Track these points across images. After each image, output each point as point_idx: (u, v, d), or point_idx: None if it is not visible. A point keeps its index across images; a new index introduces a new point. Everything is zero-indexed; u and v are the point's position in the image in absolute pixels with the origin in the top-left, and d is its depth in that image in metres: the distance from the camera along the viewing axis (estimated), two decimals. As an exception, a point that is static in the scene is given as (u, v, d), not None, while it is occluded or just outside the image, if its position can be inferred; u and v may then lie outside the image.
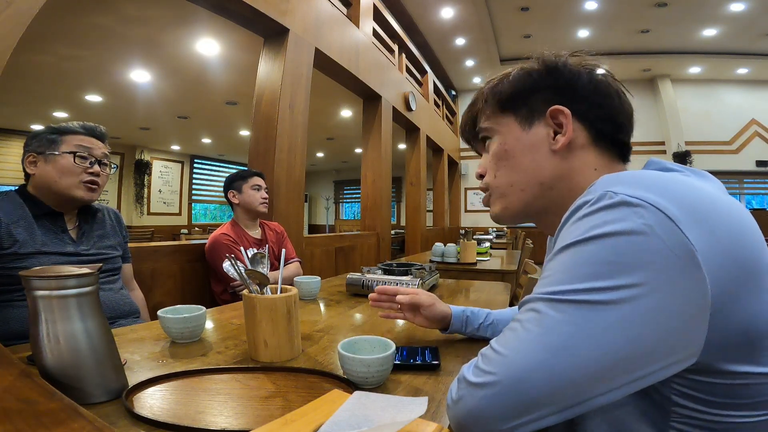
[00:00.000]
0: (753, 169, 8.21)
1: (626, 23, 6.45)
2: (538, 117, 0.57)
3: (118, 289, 1.22)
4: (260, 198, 1.86)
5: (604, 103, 0.55)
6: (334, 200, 13.47)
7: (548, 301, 0.40)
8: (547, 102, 0.56)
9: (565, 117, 0.54)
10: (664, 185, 0.41)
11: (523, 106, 0.58)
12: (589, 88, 0.56)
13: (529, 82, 0.58)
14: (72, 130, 1.15)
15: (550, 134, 0.56)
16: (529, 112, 0.57)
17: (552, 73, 0.57)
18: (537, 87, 0.57)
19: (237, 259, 0.82)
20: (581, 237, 0.40)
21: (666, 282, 0.37)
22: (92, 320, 0.56)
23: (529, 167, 0.57)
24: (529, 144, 0.57)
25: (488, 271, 2.37)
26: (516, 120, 0.58)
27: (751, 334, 0.40)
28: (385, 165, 4.24)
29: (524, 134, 0.57)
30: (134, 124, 7.33)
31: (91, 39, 3.95)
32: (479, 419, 0.40)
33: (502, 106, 0.59)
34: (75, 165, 1.11)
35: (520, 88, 0.58)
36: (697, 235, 0.38)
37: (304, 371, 0.69)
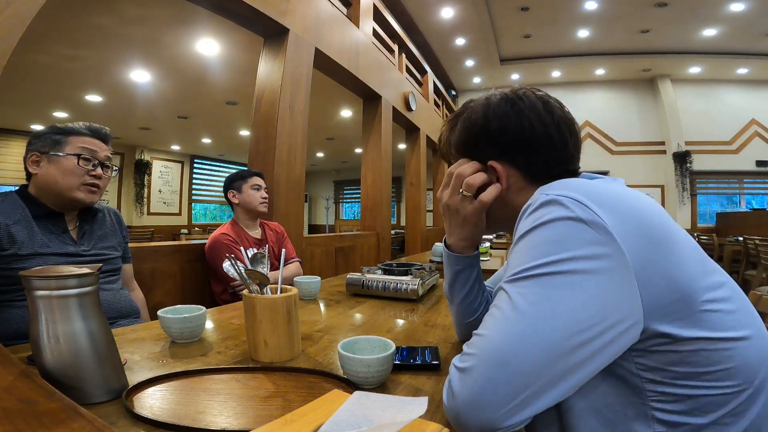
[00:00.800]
0: (753, 169, 8.21)
1: (626, 23, 6.46)
2: (485, 165, 0.68)
3: (118, 289, 1.22)
4: (260, 198, 1.86)
5: (534, 149, 0.65)
6: (334, 200, 13.47)
7: (512, 281, 0.48)
8: (486, 155, 0.68)
9: (497, 171, 0.67)
10: (579, 186, 0.52)
11: (472, 156, 0.70)
12: (519, 138, 0.65)
13: (473, 134, 0.69)
14: (77, 131, 1.14)
15: (494, 181, 0.68)
16: (480, 161, 0.69)
17: (487, 127, 0.67)
18: (478, 140, 0.68)
19: (237, 259, 0.82)
20: (527, 228, 0.51)
21: (593, 252, 0.46)
22: (92, 320, 0.56)
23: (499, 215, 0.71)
24: None
25: (488, 271, 2.37)
26: None
27: (678, 296, 0.46)
28: (385, 165, 4.24)
29: None
30: (134, 124, 7.33)
31: (91, 39, 3.95)
32: (475, 405, 0.43)
33: (459, 153, 0.72)
34: (78, 167, 1.10)
35: (468, 139, 0.70)
36: (608, 217, 0.47)
37: (304, 371, 0.69)
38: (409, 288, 1.31)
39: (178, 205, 9.98)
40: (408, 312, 1.19)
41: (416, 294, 1.31)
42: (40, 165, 1.10)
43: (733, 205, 8.83)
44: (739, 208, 8.65)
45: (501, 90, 0.70)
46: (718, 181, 8.45)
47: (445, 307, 1.25)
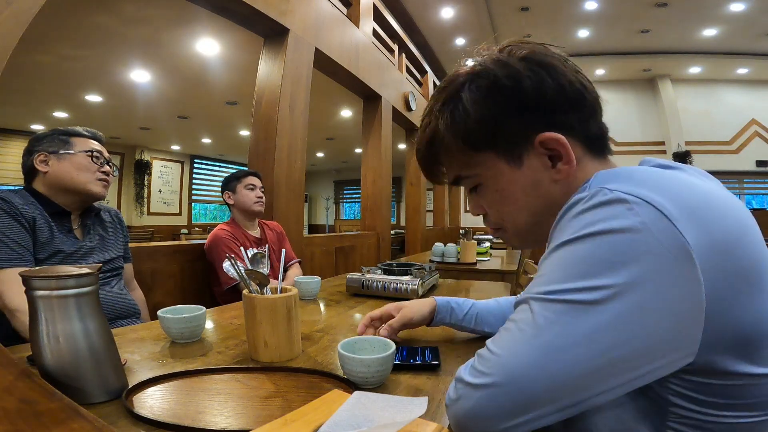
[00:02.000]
0: (753, 169, 8.21)
1: (626, 23, 6.45)
2: (525, 147, 0.50)
3: (119, 290, 1.23)
4: (254, 197, 1.86)
5: (579, 103, 0.50)
6: (334, 200, 13.46)
7: (542, 300, 0.39)
8: (526, 128, 0.49)
9: (562, 145, 0.48)
10: (659, 181, 0.41)
11: (499, 140, 0.50)
12: (560, 94, 0.49)
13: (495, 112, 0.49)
14: (80, 133, 1.21)
15: (547, 163, 0.50)
16: (511, 146, 0.50)
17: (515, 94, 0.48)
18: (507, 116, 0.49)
19: (237, 259, 0.82)
20: (575, 235, 0.39)
21: (659, 280, 0.36)
22: (92, 320, 0.56)
23: (535, 204, 0.52)
24: (528, 182, 0.51)
25: (488, 271, 2.37)
26: (499, 157, 0.51)
27: (747, 335, 0.39)
28: (385, 165, 4.24)
29: (517, 173, 0.51)
30: (134, 124, 7.33)
31: (91, 39, 3.95)
32: (478, 419, 0.40)
33: (474, 147, 0.51)
34: (92, 163, 1.18)
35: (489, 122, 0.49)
36: (693, 233, 0.37)
37: (304, 371, 0.69)
38: (409, 288, 1.31)
39: (178, 205, 9.98)
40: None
41: (416, 294, 1.31)
42: (49, 164, 1.14)
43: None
44: (739, 208, 8.64)
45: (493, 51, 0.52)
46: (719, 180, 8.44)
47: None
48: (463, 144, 0.52)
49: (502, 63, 0.49)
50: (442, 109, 0.52)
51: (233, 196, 1.86)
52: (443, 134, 0.52)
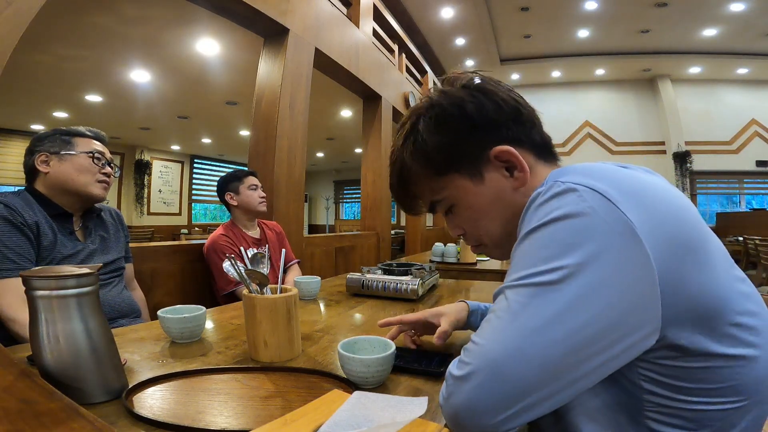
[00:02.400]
0: (753, 169, 8.21)
1: (626, 23, 6.46)
2: (483, 164, 0.55)
3: (120, 290, 1.23)
4: (258, 197, 1.84)
5: (518, 116, 0.55)
6: (334, 200, 13.46)
7: (514, 287, 0.43)
8: (479, 146, 0.55)
9: (513, 155, 0.54)
10: (604, 172, 0.46)
11: (459, 160, 0.56)
12: (500, 111, 0.54)
13: (449, 137, 0.55)
14: (83, 133, 1.20)
15: (505, 174, 0.55)
16: (471, 164, 0.55)
17: (463, 118, 0.54)
18: (460, 139, 0.55)
19: (237, 260, 0.82)
20: (537, 224, 0.44)
21: (610, 256, 0.40)
22: (92, 320, 0.56)
23: (504, 213, 0.56)
24: (492, 194, 0.56)
25: (488, 271, 2.37)
26: (462, 176, 0.56)
27: (702, 308, 0.42)
28: (385, 165, 4.22)
29: (481, 187, 0.56)
30: (134, 124, 7.33)
31: (91, 39, 3.95)
32: (471, 412, 0.41)
33: (438, 172, 0.57)
34: (92, 164, 1.16)
35: (446, 147, 0.55)
36: (635, 214, 0.41)
37: (304, 371, 0.69)
38: (409, 288, 1.31)
39: (178, 205, 9.98)
40: (408, 312, 1.18)
41: (416, 294, 1.31)
42: (50, 164, 1.13)
43: (733, 205, 8.83)
44: (739, 208, 8.65)
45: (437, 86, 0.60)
46: (718, 181, 8.45)
47: (445, 307, 1.25)
48: (428, 170, 0.58)
49: (446, 94, 0.56)
50: (404, 143, 0.59)
51: (236, 197, 1.83)
52: (410, 164, 0.59)
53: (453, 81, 0.57)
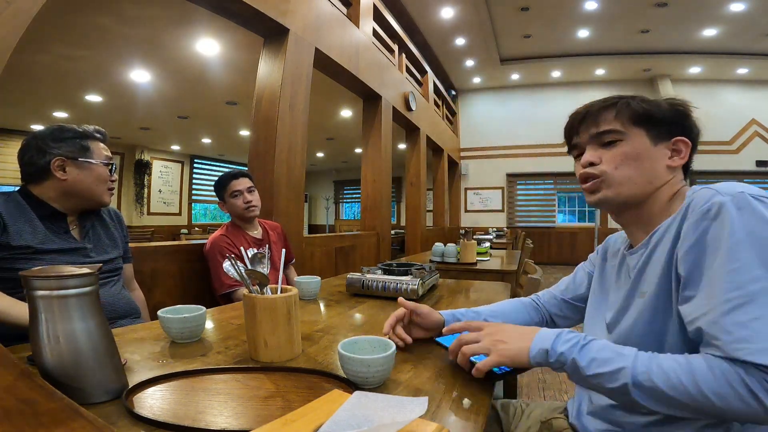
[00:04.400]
0: (753, 169, 8.21)
1: (626, 23, 6.45)
2: (663, 139, 0.72)
3: (119, 290, 1.22)
4: (242, 204, 1.78)
5: (695, 139, 0.73)
6: (334, 200, 13.46)
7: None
8: (672, 132, 0.72)
9: (686, 147, 0.72)
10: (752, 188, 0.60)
11: (655, 128, 0.72)
12: (691, 127, 0.73)
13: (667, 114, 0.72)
14: (93, 135, 1.18)
15: (668, 154, 0.71)
16: (659, 134, 0.71)
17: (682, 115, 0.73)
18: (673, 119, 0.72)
19: (237, 260, 0.82)
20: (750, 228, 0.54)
21: None
22: (92, 320, 0.56)
23: (648, 170, 0.70)
24: (654, 155, 0.71)
25: (488, 271, 2.37)
26: (647, 135, 0.71)
27: None
28: (385, 165, 4.24)
29: (652, 147, 0.71)
30: (134, 124, 7.34)
31: (91, 39, 3.95)
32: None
33: (639, 121, 0.71)
34: (109, 174, 1.18)
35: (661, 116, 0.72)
36: None
37: (304, 371, 0.69)
38: (409, 288, 1.31)
39: (178, 205, 9.98)
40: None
41: (416, 294, 1.31)
42: (67, 170, 1.11)
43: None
44: (739, 208, 8.64)
45: None
46: (718, 181, 8.41)
47: (445, 306, 1.25)
48: (636, 114, 0.72)
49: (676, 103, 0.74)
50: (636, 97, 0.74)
51: (225, 206, 1.83)
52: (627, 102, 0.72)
53: None
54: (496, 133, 9.33)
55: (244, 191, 1.80)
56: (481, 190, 9.44)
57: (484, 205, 9.41)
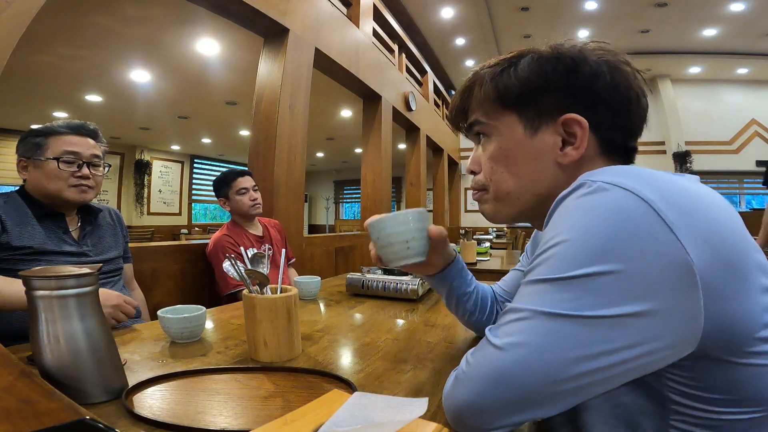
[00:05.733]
0: (753, 169, 8.21)
1: (626, 23, 6.45)
2: (547, 121, 0.51)
3: (119, 290, 1.22)
4: (249, 201, 1.79)
5: (622, 110, 0.51)
6: (334, 200, 13.46)
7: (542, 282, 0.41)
8: (559, 106, 0.50)
9: (582, 129, 0.50)
10: (642, 174, 0.42)
11: (530, 106, 0.51)
12: (609, 92, 0.50)
13: (541, 79, 0.50)
14: (56, 130, 1.11)
15: (558, 143, 0.51)
16: (537, 115, 0.51)
17: (570, 72, 0.50)
18: (550, 87, 0.50)
19: (237, 260, 0.82)
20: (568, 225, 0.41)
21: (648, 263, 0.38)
22: (92, 320, 0.56)
23: (529, 177, 0.53)
24: (532, 152, 0.52)
25: (488, 271, 2.37)
26: (520, 121, 0.52)
27: (734, 326, 0.40)
28: (385, 165, 4.24)
29: (527, 140, 0.52)
30: (134, 124, 7.33)
31: (91, 39, 3.95)
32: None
33: (504, 102, 0.53)
34: (60, 170, 1.09)
35: (530, 85, 0.51)
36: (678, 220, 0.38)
37: (304, 371, 0.69)
38: (409, 288, 1.31)
39: (178, 205, 9.97)
40: (408, 312, 1.19)
41: (416, 294, 1.31)
42: (28, 170, 1.10)
43: (733, 205, 8.81)
44: (739, 208, 8.64)
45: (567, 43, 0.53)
46: (718, 181, 8.44)
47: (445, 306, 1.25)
48: (495, 95, 0.53)
49: (576, 49, 0.51)
50: (495, 65, 0.55)
51: (228, 203, 1.82)
52: (485, 81, 0.54)
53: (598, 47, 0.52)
54: (496, 133, 9.32)
55: (250, 189, 1.81)
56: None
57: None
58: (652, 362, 0.39)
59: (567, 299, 0.38)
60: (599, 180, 0.41)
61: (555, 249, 0.41)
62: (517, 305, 0.43)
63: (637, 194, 0.39)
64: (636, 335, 0.37)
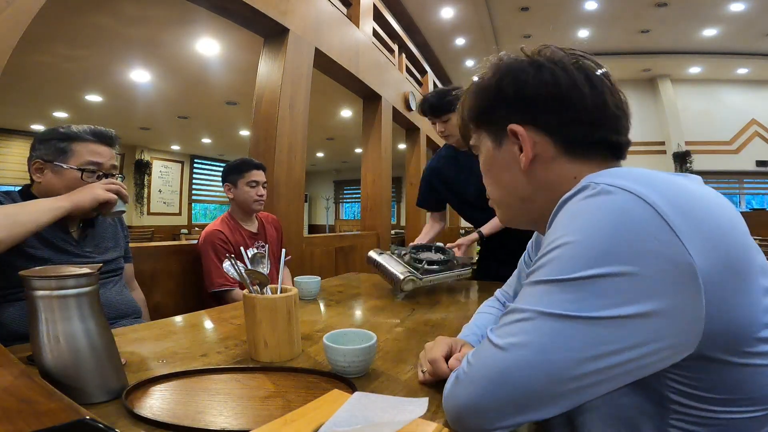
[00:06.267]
0: (753, 169, 8.21)
1: (626, 23, 6.45)
2: (503, 135, 0.55)
3: (119, 290, 1.22)
4: (255, 196, 1.76)
5: (564, 105, 0.51)
6: (334, 200, 13.46)
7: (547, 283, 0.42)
8: (504, 119, 0.54)
9: (521, 135, 0.53)
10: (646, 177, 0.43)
11: (490, 123, 0.57)
12: (539, 92, 0.52)
13: (485, 97, 0.57)
14: (82, 137, 1.09)
15: (517, 152, 0.54)
16: (497, 131, 0.56)
17: (500, 85, 0.54)
18: (492, 103, 0.56)
19: (237, 260, 0.82)
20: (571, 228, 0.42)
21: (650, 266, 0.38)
22: (92, 320, 0.56)
23: (508, 184, 0.57)
24: (503, 163, 0.57)
25: (488, 271, 2.36)
26: (489, 137, 0.58)
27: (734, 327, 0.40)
28: (385, 165, 4.24)
29: (497, 152, 0.57)
30: (134, 124, 7.33)
31: (91, 39, 3.95)
32: None
33: (475, 123, 0.60)
34: (81, 181, 1.07)
35: (481, 105, 0.58)
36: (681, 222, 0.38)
37: (304, 371, 0.69)
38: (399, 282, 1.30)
39: (178, 205, 9.97)
40: (408, 312, 1.19)
41: (398, 288, 1.30)
42: (44, 173, 1.07)
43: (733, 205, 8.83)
44: (739, 208, 8.65)
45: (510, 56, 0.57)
46: (718, 181, 8.45)
47: (445, 307, 1.25)
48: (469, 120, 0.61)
49: (512, 62, 0.55)
50: (463, 99, 0.62)
51: (233, 190, 1.77)
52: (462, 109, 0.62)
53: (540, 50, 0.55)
54: (496, 133, 9.33)
55: (260, 184, 1.78)
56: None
57: None
58: (654, 363, 0.40)
59: (571, 300, 0.39)
60: (603, 182, 0.42)
61: (559, 250, 0.42)
62: (519, 305, 0.43)
63: (641, 197, 0.39)
64: (639, 336, 0.38)
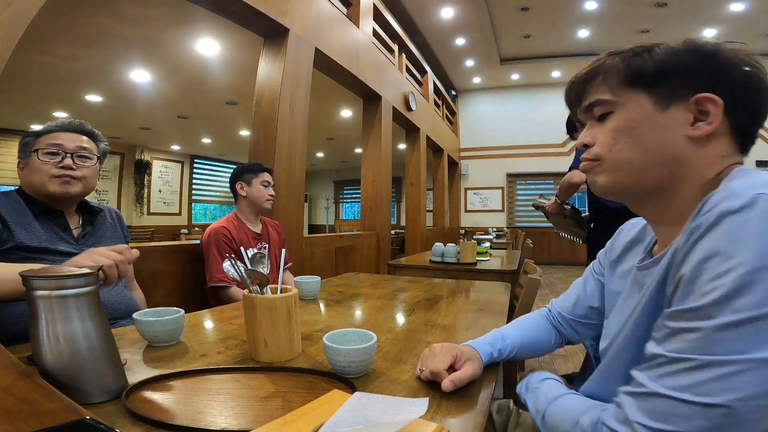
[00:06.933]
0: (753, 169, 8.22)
1: (626, 23, 6.45)
2: (678, 100, 0.53)
3: (120, 290, 1.22)
4: (267, 195, 1.88)
5: (752, 97, 0.53)
6: (334, 200, 13.46)
7: None
8: (693, 87, 0.52)
9: (716, 106, 0.51)
10: None
11: (661, 85, 0.54)
12: (742, 80, 0.52)
13: (676, 62, 0.53)
14: (46, 129, 1.14)
15: (689, 119, 0.53)
16: (668, 94, 0.53)
17: (705, 59, 0.53)
18: (684, 70, 0.53)
19: (237, 260, 0.82)
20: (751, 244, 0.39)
21: None
22: (92, 320, 0.56)
23: (654, 148, 0.54)
24: (662, 124, 0.53)
25: (488, 271, 2.37)
26: (649, 98, 0.54)
27: None
28: (385, 165, 4.24)
29: (657, 114, 0.54)
30: (134, 124, 7.33)
31: (91, 39, 3.95)
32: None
33: (632, 82, 0.55)
34: (42, 162, 1.09)
35: (665, 67, 0.53)
36: None
37: (304, 371, 0.69)
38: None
39: (178, 205, 9.98)
40: (408, 312, 1.19)
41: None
42: (23, 170, 1.13)
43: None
44: (739, 208, 8.64)
45: None
46: (718, 181, 8.45)
47: (445, 307, 1.25)
48: (625, 74, 0.56)
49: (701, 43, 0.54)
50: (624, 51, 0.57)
51: (246, 189, 1.87)
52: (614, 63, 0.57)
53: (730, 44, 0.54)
54: (495, 133, 9.33)
55: (271, 185, 1.92)
56: (481, 190, 9.44)
57: (484, 205, 9.41)
58: None
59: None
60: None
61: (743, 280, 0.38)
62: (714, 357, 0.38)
63: None
64: None
